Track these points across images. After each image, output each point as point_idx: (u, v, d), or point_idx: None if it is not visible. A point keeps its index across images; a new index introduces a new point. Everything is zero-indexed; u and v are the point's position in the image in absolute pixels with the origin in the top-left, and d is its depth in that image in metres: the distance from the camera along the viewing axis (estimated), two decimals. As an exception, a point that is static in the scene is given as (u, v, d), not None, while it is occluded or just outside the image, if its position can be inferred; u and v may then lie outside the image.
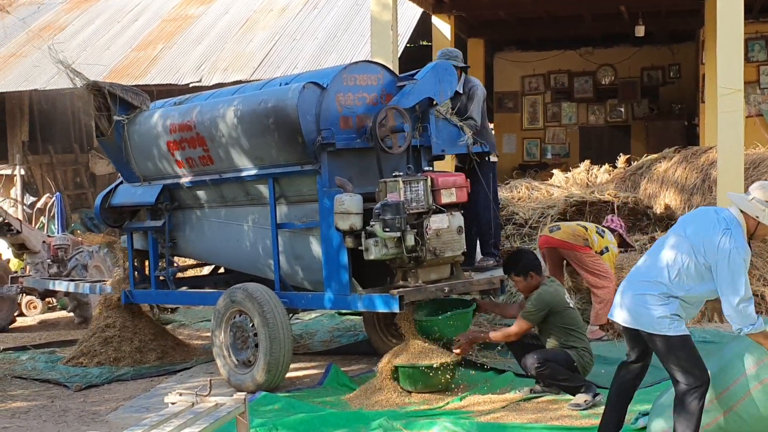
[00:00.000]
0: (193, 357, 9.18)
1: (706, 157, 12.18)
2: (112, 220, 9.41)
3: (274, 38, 17.53)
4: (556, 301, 7.06)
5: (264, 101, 7.67)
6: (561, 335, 7.02)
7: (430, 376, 7.15)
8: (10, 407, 7.73)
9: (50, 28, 18.68)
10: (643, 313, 5.38)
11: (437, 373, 7.14)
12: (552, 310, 7.00)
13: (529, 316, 6.99)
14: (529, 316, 7.00)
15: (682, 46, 18.93)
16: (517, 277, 7.18)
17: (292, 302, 7.92)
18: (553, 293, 7.10)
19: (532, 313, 6.99)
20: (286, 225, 7.93)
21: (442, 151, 8.14)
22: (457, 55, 8.81)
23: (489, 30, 18.57)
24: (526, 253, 7.56)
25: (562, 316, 7.03)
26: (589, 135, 19.92)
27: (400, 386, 7.24)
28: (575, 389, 6.83)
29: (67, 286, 10.88)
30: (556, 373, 6.87)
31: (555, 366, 6.87)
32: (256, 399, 7.15)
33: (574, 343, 7.00)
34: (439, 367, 7.10)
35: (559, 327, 7.02)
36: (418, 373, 7.15)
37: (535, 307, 6.99)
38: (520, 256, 7.40)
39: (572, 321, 7.10)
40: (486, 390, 7.32)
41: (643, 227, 10.90)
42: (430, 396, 7.19)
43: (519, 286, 7.26)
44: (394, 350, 7.40)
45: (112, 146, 9.13)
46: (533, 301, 7.01)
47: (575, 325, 7.10)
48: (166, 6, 20.02)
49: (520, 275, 7.15)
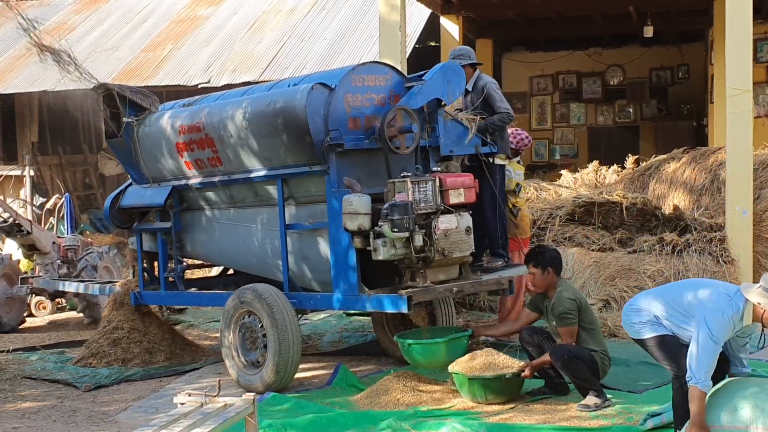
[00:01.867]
0: (202, 357, 9.19)
1: (715, 158, 12.16)
2: (122, 221, 9.43)
3: (282, 39, 17.55)
4: (580, 296, 7.11)
5: (273, 102, 7.68)
6: (582, 334, 6.99)
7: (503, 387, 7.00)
8: (19, 407, 7.76)
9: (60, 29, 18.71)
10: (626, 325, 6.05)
11: (510, 383, 7.00)
12: (580, 306, 6.99)
13: (570, 320, 6.93)
14: (570, 321, 6.94)
15: (690, 47, 18.90)
16: (536, 268, 7.15)
17: (300, 303, 7.93)
18: (574, 289, 7.14)
19: (570, 315, 6.93)
20: (295, 226, 7.94)
21: (450, 152, 8.13)
22: (469, 53, 8.79)
23: (497, 30, 18.57)
24: (551, 249, 7.54)
25: (585, 313, 7.03)
26: (598, 135, 19.91)
27: (470, 397, 7.04)
28: (587, 391, 6.82)
29: (76, 286, 10.91)
30: (579, 371, 6.83)
31: (581, 364, 6.84)
32: (265, 399, 7.17)
33: (594, 345, 6.98)
34: (511, 377, 6.95)
35: (581, 326, 7.00)
36: (493, 384, 6.96)
37: (568, 307, 6.93)
38: (544, 249, 7.43)
39: (592, 320, 7.10)
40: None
41: (651, 228, 10.88)
42: (439, 396, 7.20)
43: (533, 279, 7.22)
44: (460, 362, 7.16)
45: (121, 148, 9.16)
46: (563, 306, 6.92)
47: (595, 324, 7.11)
48: (175, 7, 20.06)
49: (539, 267, 7.13)
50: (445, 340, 7.39)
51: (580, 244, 10.52)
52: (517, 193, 9.07)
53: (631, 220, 10.91)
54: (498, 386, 6.94)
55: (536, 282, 7.21)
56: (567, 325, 6.96)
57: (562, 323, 6.98)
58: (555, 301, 7.04)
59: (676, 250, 10.31)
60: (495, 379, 6.90)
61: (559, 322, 7.00)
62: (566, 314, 6.94)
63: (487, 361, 7.01)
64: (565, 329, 6.97)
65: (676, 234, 10.58)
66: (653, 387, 7.16)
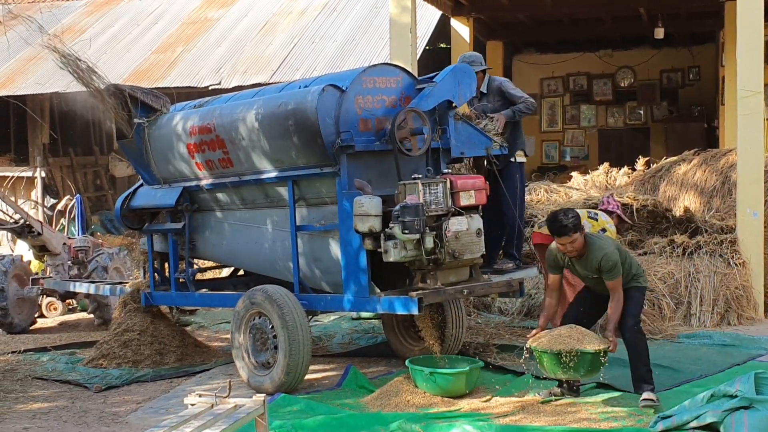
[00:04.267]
0: (213, 359, 9.20)
1: (726, 160, 12.14)
2: (132, 222, 9.45)
3: (293, 41, 17.57)
4: (613, 241, 7.07)
5: (284, 104, 7.69)
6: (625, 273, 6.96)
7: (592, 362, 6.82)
8: (30, 408, 7.78)
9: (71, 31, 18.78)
10: None
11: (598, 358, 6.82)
12: (620, 250, 6.96)
13: (617, 271, 6.85)
14: (618, 271, 6.86)
15: (701, 48, 18.87)
16: (576, 233, 6.86)
17: (311, 304, 7.94)
18: (605, 238, 7.09)
19: (616, 266, 6.84)
20: (306, 227, 7.95)
21: (461, 154, 8.14)
22: (479, 59, 8.83)
23: (508, 32, 18.56)
24: (569, 210, 7.10)
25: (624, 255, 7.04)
26: (608, 137, 19.88)
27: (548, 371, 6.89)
28: (642, 383, 6.78)
29: (87, 287, 10.94)
30: (644, 349, 6.85)
31: (645, 344, 6.85)
32: (275, 400, 7.17)
33: (641, 281, 7.01)
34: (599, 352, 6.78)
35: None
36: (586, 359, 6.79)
37: (614, 259, 6.83)
38: (571, 212, 6.97)
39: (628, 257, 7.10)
40: (505, 392, 7.33)
41: (662, 230, 10.87)
42: (449, 398, 7.19)
43: (577, 244, 6.88)
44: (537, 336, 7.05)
45: (132, 149, 9.18)
46: (612, 259, 6.81)
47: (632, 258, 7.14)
48: (186, 9, 20.11)
49: (578, 231, 6.87)
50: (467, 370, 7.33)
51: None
52: None
53: (642, 222, 10.89)
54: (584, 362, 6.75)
55: (578, 247, 6.91)
56: (618, 275, 6.86)
57: (614, 276, 6.86)
58: (599, 256, 6.85)
59: (686, 252, 10.29)
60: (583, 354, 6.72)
61: (610, 275, 6.87)
62: (616, 265, 6.84)
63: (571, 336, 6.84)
64: (617, 281, 6.86)
65: (686, 236, 10.56)
66: (663, 389, 7.14)
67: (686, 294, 9.88)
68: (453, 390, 7.27)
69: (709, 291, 9.80)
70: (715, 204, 11.73)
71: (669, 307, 9.73)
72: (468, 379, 7.33)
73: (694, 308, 9.80)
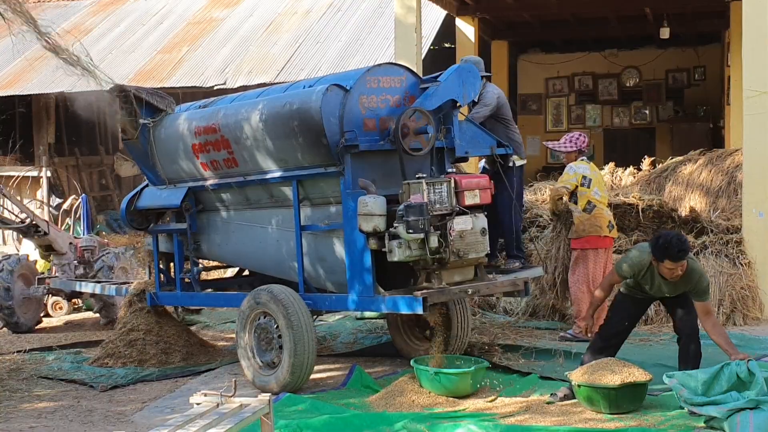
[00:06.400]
0: (218, 358, 9.21)
1: (732, 160, 12.12)
2: (138, 222, 9.46)
3: (298, 41, 17.58)
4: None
5: (288, 104, 7.69)
6: None
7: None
8: (36, 407, 7.79)
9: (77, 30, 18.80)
10: None
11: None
12: None
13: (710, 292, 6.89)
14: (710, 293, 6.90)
15: (707, 48, 18.84)
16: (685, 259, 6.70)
17: (315, 304, 7.94)
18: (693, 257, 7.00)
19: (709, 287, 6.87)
20: (310, 227, 7.95)
21: (465, 153, 8.14)
22: (479, 64, 8.81)
23: (513, 32, 18.56)
24: (680, 234, 6.94)
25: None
26: (614, 137, 19.88)
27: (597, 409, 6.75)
28: None
29: (93, 287, 10.96)
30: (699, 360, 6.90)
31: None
32: (280, 400, 7.17)
33: None
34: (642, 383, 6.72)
35: None
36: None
37: (708, 281, 6.87)
38: (682, 237, 6.80)
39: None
40: (510, 392, 7.32)
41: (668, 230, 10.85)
42: (454, 398, 7.19)
43: (686, 267, 6.72)
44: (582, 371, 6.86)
45: (137, 149, 9.19)
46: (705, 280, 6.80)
47: None
48: (191, 9, 20.12)
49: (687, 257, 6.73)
50: (472, 370, 7.33)
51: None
52: (587, 186, 9.05)
53: (648, 222, 10.86)
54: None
55: (685, 268, 6.74)
56: (710, 296, 6.82)
57: (708, 297, 6.82)
58: (696, 277, 6.77)
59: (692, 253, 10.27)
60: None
61: (706, 295, 6.82)
62: (708, 286, 6.80)
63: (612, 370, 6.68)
64: (709, 302, 6.80)
65: (692, 236, 10.54)
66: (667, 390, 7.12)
67: (692, 294, 9.86)
68: (458, 390, 7.27)
69: (715, 291, 9.77)
70: (721, 204, 11.71)
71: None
72: (473, 379, 7.32)
73: (699, 308, 9.78)
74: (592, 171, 9.20)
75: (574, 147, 9.28)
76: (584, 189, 9.06)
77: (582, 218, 9.02)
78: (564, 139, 9.39)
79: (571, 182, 9.05)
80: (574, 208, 9.07)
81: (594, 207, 9.03)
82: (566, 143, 9.31)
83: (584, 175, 9.08)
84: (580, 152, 9.30)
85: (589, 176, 9.11)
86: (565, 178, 9.10)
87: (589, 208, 9.03)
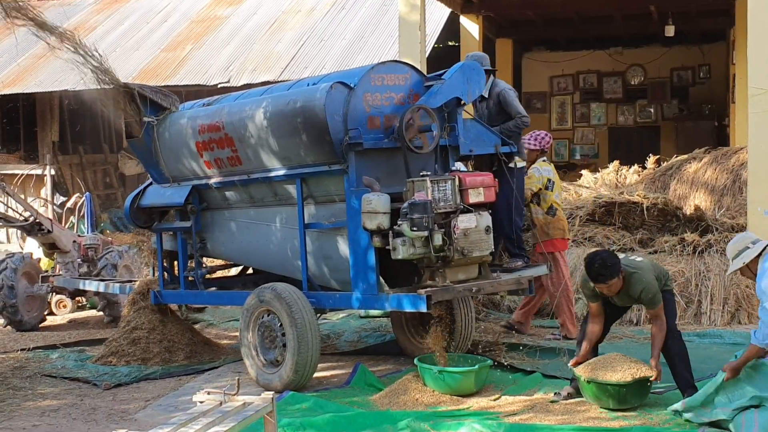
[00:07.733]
0: (222, 356, 9.21)
1: (737, 158, 12.10)
2: (142, 221, 9.46)
3: (302, 39, 17.58)
4: (647, 263, 6.96)
5: (292, 101, 7.68)
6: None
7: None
8: (40, 405, 7.79)
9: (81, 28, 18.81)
10: None
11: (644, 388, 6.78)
12: (658, 277, 6.88)
13: (658, 299, 6.78)
14: (658, 299, 6.78)
15: (712, 47, 18.82)
16: (612, 279, 6.69)
17: (319, 302, 7.93)
18: (644, 265, 6.88)
19: (656, 295, 6.77)
20: (314, 225, 7.94)
21: (470, 151, 8.11)
22: (484, 59, 8.77)
23: (517, 30, 18.54)
24: (608, 253, 7.01)
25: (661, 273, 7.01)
26: (618, 135, 19.86)
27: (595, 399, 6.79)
28: (685, 387, 6.71)
29: (96, 285, 10.96)
30: (687, 367, 6.80)
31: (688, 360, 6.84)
32: (283, 398, 7.17)
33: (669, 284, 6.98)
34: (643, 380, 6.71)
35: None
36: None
37: (654, 290, 6.74)
38: (612, 258, 6.78)
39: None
40: (513, 391, 7.31)
41: (672, 229, 10.83)
42: (457, 397, 7.18)
43: (614, 287, 6.73)
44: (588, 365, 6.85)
45: (141, 147, 9.18)
46: (653, 288, 6.73)
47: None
48: (195, 7, 20.12)
49: (615, 277, 6.69)
50: (476, 368, 7.31)
51: (600, 245, 10.48)
52: (551, 190, 9.05)
53: (652, 220, 10.87)
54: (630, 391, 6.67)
55: (615, 288, 6.77)
56: (659, 302, 6.77)
57: (656, 304, 6.77)
58: (638, 289, 6.73)
59: (697, 251, 10.26)
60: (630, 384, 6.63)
61: (652, 304, 6.79)
62: (656, 294, 6.75)
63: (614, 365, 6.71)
64: (658, 308, 6.77)
65: (697, 234, 10.53)
66: (674, 388, 7.11)
67: (697, 292, 9.85)
68: (462, 388, 7.25)
69: (720, 290, 9.76)
70: (726, 202, 11.69)
71: (679, 305, 9.69)
72: (477, 378, 7.31)
73: (704, 307, 9.78)
74: (554, 174, 9.26)
75: (537, 146, 9.25)
76: (548, 192, 9.11)
77: (546, 221, 9.06)
78: (529, 135, 9.32)
79: (536, 184, 9.06)
80: (536, 210, 9.09)
81: (556, 210, 9.11)
82: (531, 141, 9.26)
83: (549, 178, 9.11)
84: (542, 152, 9.30)
85: (553, 179, 9.17)
86: (532, 179, 9.08)
87: (552, 211, 9.08)
